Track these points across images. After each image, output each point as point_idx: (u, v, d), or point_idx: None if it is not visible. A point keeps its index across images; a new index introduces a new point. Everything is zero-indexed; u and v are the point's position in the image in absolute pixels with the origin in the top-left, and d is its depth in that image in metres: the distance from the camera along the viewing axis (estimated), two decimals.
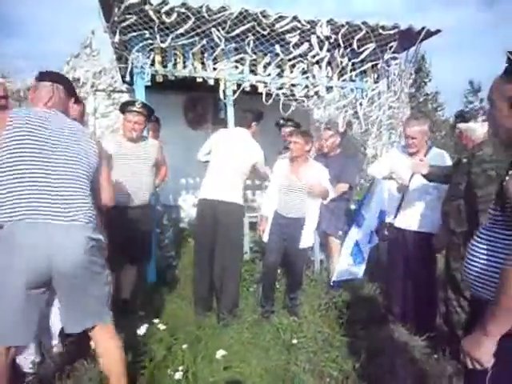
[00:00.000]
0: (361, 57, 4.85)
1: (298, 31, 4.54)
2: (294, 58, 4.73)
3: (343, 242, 4.47)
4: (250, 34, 4.48)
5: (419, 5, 70.23)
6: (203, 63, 4.66)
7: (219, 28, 4.35)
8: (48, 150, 2.04)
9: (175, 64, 4.57)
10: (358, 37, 4.67)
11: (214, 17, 4.23)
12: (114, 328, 2.22)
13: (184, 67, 4.58)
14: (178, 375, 2.47)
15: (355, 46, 4.72)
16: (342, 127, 4.95)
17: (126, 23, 4.13)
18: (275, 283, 3.92)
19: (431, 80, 22.92)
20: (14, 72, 5.35)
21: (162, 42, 4.30)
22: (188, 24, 4.20)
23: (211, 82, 4.73)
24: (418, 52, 5.14)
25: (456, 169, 3.06)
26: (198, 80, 4.70)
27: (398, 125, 4.97)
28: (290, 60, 4.77)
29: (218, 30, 4.36)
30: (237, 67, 4.71)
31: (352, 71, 4.98)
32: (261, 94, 4.74)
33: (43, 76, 2.28)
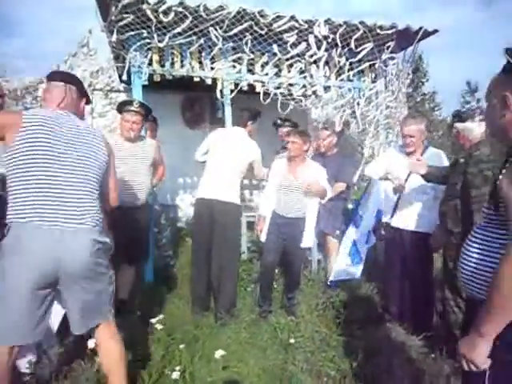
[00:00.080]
0: (358, 56, 4.84)
1: (295, 31, 4.53)
2: (292, 57, 4.73)
3: (341, 242, 4.48)
4: (248, 34, 4.47)
5: (417, 5, 70.37)
6: (201, 62, 4.65)
7: (217, 27, 4.34)
8: (59, 153, 2.05)
9: (173, 63, 4.56)
10: (355, 36, 4.66)
11: (212, 16, 4.23)
12: (116, 327, 2.24)
13: (181, 66, 4.57)
14: (176, 375, 2.47)
15: (353, 46, 4.72)
16: (340, 127, 4.95)
17: (124, 22, 4.11)
18: (273, 283, 3.92)
19: (428, 80, 22.99)
20: (11, 71, 5.34)
21: (160, 42, 4.29)
22: (185, 23, 4.18)
23: (209, 81, 4.72)
24: (415, 52, 5.15)
25: (453, 169, 3.06)
26: (196, 79, 4.69)
27: (396, 124, 4.97)
28: (287, 59, 4.76)
29: (216, 30, 4.35)
30: (234, 67, 4.70)
31: (350, 71, 4.98)
32: (258, 93, 4.74)
33: (55, 76, 2.29)
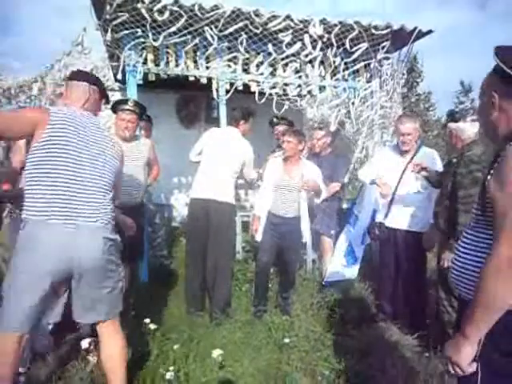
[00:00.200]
0: (353, 56, 4.85)
1: (290, 30, 4.53)
2: (287, 57, 4.73)
3: (336, 242, 4.48)
4: (243, 33, 4.46)
5: (411, 5, 70.61)
6: (196, 62, 4.64)
7: (212, 26, 4.33)
8: (78, 152, 2.10)
9: (167, 62, 4.54)
10: (350, 36, 4.67)
11: (207, 15, 4.22)
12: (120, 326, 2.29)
13: (176, 66, 4.56)
14: (170, 375, 2.47)
15: (348, 46, 4.73)
16: (335, 126, 4.95)
17: (118, 21, 4.10)
18: (268, 283, 3.92)
19: (423, 80, 23.06)
20: (5, 69, 5.29)
21: (155, 41, 4.28)
22: (180, 22, 4.17)
23: (204, 80, 4.71)
24: (410, 52, 5.17)
25: (446, 169, 3.08)
26: (191, 79, 4.68)
27: (391, 124, 4.98)
28: (282, 59, 4.76)
29: (211, 29, 4.34)
30: (229, 66, 4.70)
31: (345, 71, 4.99)
32: (254, 93, 4.74)
33: (78, 76, 2.33)
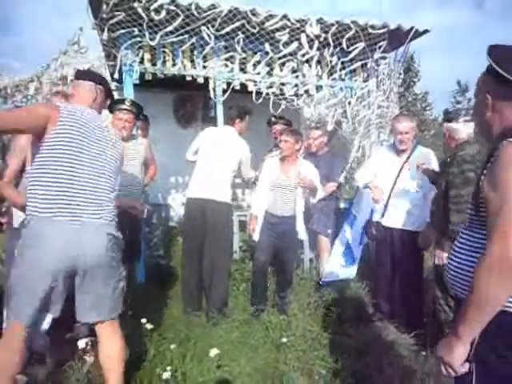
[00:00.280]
0: (350, 56, 4.86)
1: (287, 30, 4.53)
2: (284, 56, 4.73)
3: (334, 242, 4.48)
4: (240, 33, 4.46)
5: (408, 5, 70.73)
6: (193, 61, 4.63)
7: (209, 26, 4.33)
8: (83, 150, 2.13)
9: (164, 62, 4.53)
10: (347, 36, 4.67)
11: (204, 15, 4.21)
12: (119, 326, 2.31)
13: (173, 65, 4.55)
14: (167, 375, 2.46)
15: (344, 45, 4.73)
16: (332, 125, 4.96)
17: (115, 20, 4.09)
18: (267, 282, 3.91)
19: (420, 80, 23.08)
20: (5, 69, 5.26)
21: (151, 40, 4.27)
22: (177, 21, 4.17)
23: (201, 80, 4.71)
24: (406, 52, 5.17)
25: (442, 169, 3.09)
26: (188, 78, 4.68)
27: (387, 124, 4.99)
28: (279, 58, 4.76)
29: (208, 28, 4.34)
30: (226, 65, 4.70)
31: (341, 70, 4.99)
32: (251, 92, 4.73)
33: (84, 75, 2.38)
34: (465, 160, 2.80)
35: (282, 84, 4.87)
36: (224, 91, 4.71)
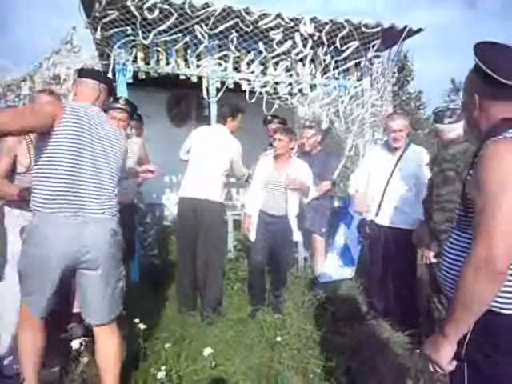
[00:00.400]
0: (344, 55, 4.86)
1: (281, 28, 4.53)
2: (278, 55, 4.72)
3: (329, 241, 4.48)
4: (234, 31, 4.45)
5: (402, 4, 70.98)
6: (186, 60, 4.62)
7: (202, 25, 4.31)
8: (86, 147, 2.16)
9: (158, 61, 4.52)
10: (341, 35, 4.68)
11: (197, 13, 4.20)
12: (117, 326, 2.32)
13: (167, 64, 4.54)
14: (161, 374, 2.46)
15: (338, 44, 4.74)
16: (326, 124, 4.96)
17: (108, 19, 4.07)
18: (264, 281, 3.91)
19: (413, 79, 23.14)
20: (2, 70, 5.21)
21: (145, 39, 4.25)
22: (170, 20, 4.15)
23: (194, 79, 4.70)
24: (400, 50, 5.19)
25: (431, 168, 3.12)
26: (181, 77, 4.66)
27: (381, 122, 5.00)
28: (273, 57, 4.75)
29: (201, 27, 4.32)
30: (220, 64, 4.69)
31: (335, 69, 5.00)
32: (245, 91, 4.73)
33: (87, 73, 2.40)
34: (444, 159, 2.82)
35: (276, 83, 4.87)
36: (218, 90, 4.70)
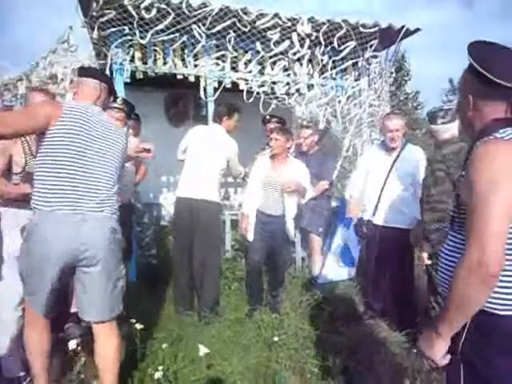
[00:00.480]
0: (341, 55, 4.87)
1: (278, 28, 4.53)
2: (275, 55, 4.73)
3: (330, 242, 4.48)
4: (231, 31, 4.46)
5: (399, 4, 71.09)
6: (183, 60, 4.62)
7: (200, 24, 4.31)
8: (86, 145, 2.16)
9: (155, 60, 4.52)
10: (338, 35, 4.69)
11: (195, 13, 4.20)
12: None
13: (164, 64, 4.54)
14: (159, 374, 2.45)
15: (336, 44, 4.74)
16: (323, 124, 4.96)
17: (105, 18, 4.07)
18: (262, 282, 3.91)
19: (411, 79, 23.17)
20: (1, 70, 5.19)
21: (142, 38, 4.25)
22: (168, 20, 4.15)
23: (192, 78, 4.69)
24: (397, 50, 5.20)
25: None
26: (179, 77, 4.66)
27: (379, 122, 5.00)
28: (271, 57, 4.76)
29: (199, 27, 4.32)
30: (218, 64, 4.68)
31: (333, 69, 5.00)
32: (242, 91, 4.72)
33: (88, 72, 2.40)
34: (436, 160, 2.83)
35: (274, 83, 4.87)
36: (215, 90, 4.70)
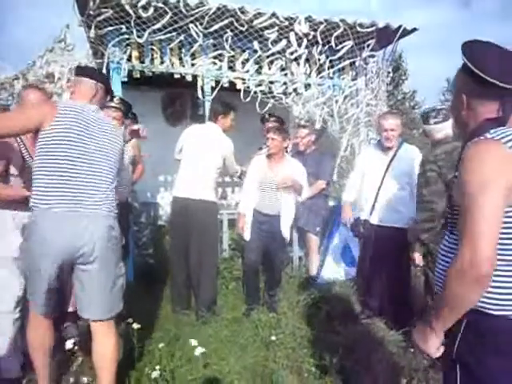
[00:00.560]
0: (339, 54, 4.87)
1: (276, 28, 4.53)
2: (273, 54, 4.73)
3: (328, 242, 4.48)
4: (229, 30, 4.46)
5: (397, 4, 71.19)
6: (181, 59, 4.61)
7: (197, 24, 4.31)
8: (83, 144, 2.17)
9: (152, 59, 4.51)
10: (335, 34, 4.69)
11: (192, 12, 4.19)
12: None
13: (161, 63, 4.53)
14: (156, 374, 2.45)
15: (333, 44, 4.75)
16: (320, 124, 4.96)
17: (102, 17, 4.06)
18: (259, 281, 3.91)
19: (408, 78, 23.21)
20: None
21: (139, 37, 4.24)
22: (165, 19, 4.14)
23: (189, 78, 4.69)
24: (395, 50, 5.20)
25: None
26: (176, 76, 4.65)
27: (376, 122, 5.01)
28: (268, 57, 4.76)
29: (196, 26, 4.32)
30: (215, 63, 4.68)
31: (330, 68, 5.01)
32: (239, 90, 4.72)
33: (84, 72, 2.41)
34: (428, 160, 2.83)
35: (271, 82, 4.87)
36: (212, 89, 4.70)
